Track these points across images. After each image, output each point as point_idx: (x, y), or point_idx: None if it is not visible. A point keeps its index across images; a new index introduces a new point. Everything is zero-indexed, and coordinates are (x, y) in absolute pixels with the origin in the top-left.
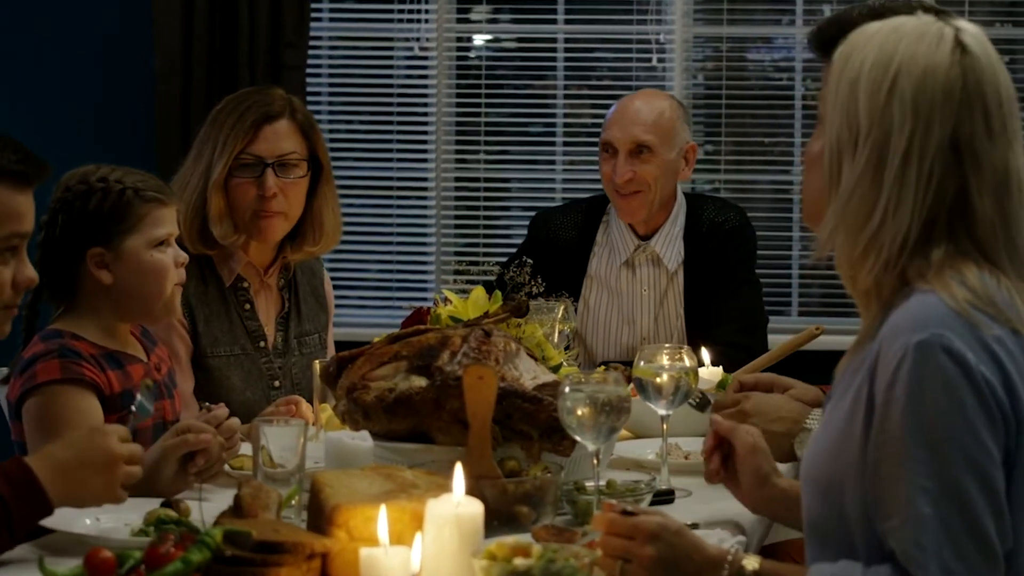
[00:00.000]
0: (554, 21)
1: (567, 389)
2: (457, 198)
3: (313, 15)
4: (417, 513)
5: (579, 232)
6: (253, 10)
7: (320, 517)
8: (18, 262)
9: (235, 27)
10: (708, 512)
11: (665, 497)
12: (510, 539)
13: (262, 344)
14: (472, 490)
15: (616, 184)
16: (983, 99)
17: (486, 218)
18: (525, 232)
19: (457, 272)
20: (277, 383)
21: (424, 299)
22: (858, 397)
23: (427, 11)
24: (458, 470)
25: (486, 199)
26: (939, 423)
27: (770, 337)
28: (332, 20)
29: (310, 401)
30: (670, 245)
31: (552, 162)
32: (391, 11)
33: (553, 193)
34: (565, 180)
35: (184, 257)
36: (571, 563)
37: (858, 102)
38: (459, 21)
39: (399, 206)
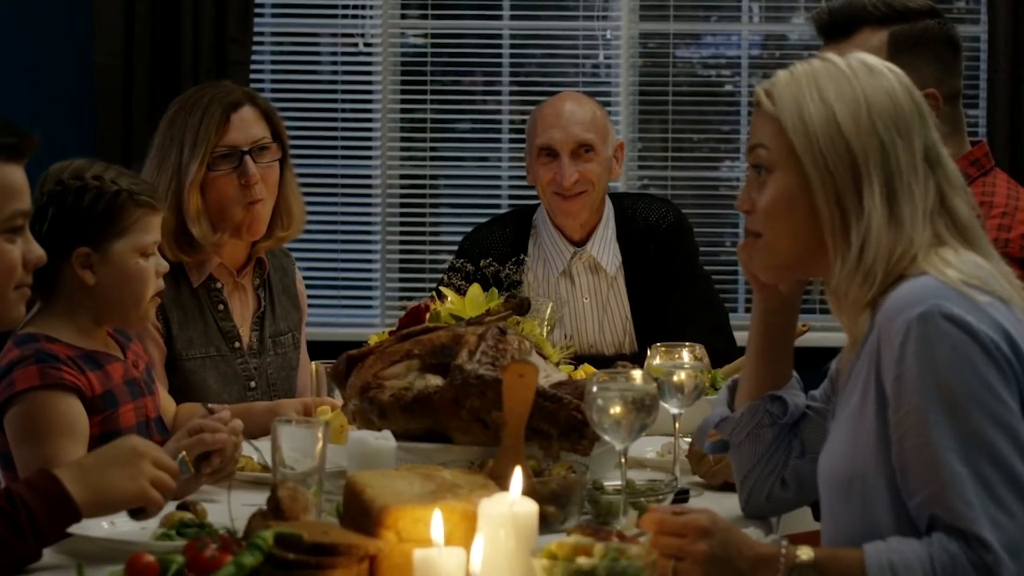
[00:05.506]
0: (500, 17)
1: (595, 388)
2: (403, 195)
3: (256, 10)
4: (468, 513)
5: (511, 247)
6: (197, 5)
7: (365, 518)
8: (24, 240)
9: (178, 22)
10: (723, 509)
11: (680, 497)
12: (570, 539)
13: (237, 345)
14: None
15: (563, 187)
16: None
17: (432, 215)
18: (471, 229)
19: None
20: (253, 384)
21: (369, 296)
22: (866, 389)
23: (371, 7)
24: (517, 471)
25: (432, 196)
26: (954, 384)
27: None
28: (275, 16)
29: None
30: (606, 248)
31: (498, 159)
32: (335, 6)
33: (499, 190)
34: (511, 177)
35: (165, 267)
36: (635, 562)
37: (845, 138)
38: (403, 17)
39: (344, 204)
